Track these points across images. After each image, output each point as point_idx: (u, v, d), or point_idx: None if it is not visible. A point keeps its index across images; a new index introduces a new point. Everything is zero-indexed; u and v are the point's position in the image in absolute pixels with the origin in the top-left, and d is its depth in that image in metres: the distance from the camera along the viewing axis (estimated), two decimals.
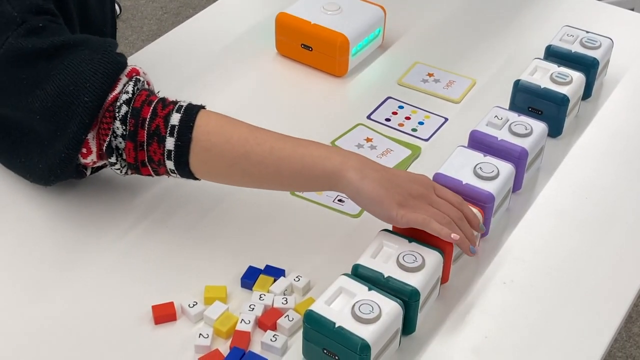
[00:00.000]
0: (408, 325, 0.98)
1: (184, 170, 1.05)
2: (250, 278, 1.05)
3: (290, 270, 1.06)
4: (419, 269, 0.98)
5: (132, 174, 1.09)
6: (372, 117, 1.32)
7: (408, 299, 0.96)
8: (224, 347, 0.98)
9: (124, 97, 1.04)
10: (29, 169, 1.11)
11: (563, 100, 1.24)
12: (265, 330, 0.99)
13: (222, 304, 1.01)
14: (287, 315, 1.00)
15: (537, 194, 1.19)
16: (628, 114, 1.36)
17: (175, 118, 1.03)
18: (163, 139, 1.03)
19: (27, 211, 1.14)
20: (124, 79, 1.05)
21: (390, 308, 0.94)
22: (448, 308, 1.03)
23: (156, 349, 0.98)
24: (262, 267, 1.06)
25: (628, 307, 1.05)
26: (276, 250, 1.09)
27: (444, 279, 1.05)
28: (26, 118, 1.08)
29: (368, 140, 1.27)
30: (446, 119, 1.32)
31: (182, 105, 1.05)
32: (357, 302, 0.93)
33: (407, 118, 1.32)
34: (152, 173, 1.08)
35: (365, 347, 0.90)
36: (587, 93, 1.34)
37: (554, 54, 1.34)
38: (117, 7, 3.02)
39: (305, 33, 1.37)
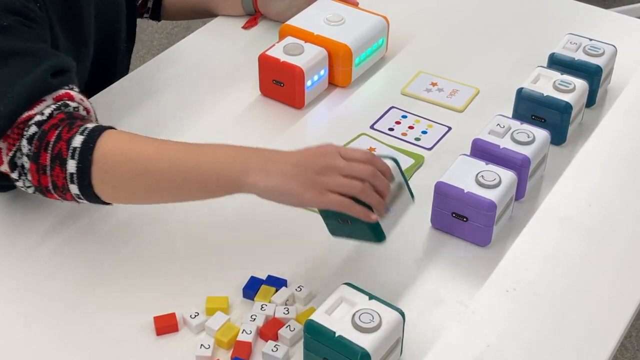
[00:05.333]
0: None
1: (89, 193, 1.02)
2: (251, 288, 1.05)
3: (292, 281, 1.06)
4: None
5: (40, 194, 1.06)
6: (375, 126, 1.33)
7: None
8: (225, 358, 0.98)
9: (38, 117, 1.02)
10: None
11: (566, 108, 1.24)
12: (267, 341, 0.99)
13: (223, 314, 1.01)
14: (289, 326, 1.00)
15: (541, 202, 1.19)
16: (632, 121, 1.35)
17: (77, 140, 1.01)
18: (65, 162, 1.01)
19: (28, 221, 1.15)
20: (48, 101, 1.03)
21: (391, 317, 0.93)
22: (450, 316, 1.03)
23: None
24: (263, 277, 1.06)
25: (631, 316, 1.04)
26: (278, 260, 1.09)
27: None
28: None
29: (371, 149, 1.27)
30: (449, 128, 1.32)
31: (87, 127, 1.02)
32: (357, 311, 0.93)
33: (411, 127, 1.32)
34: (59, 199, 1.06)
35: (365, 356, 0.90)
36: (590, 101, 1.34)
37: (557, 62, 1.34)
38: None
39: None
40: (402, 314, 0.94)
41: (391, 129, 1.32)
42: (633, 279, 1.09)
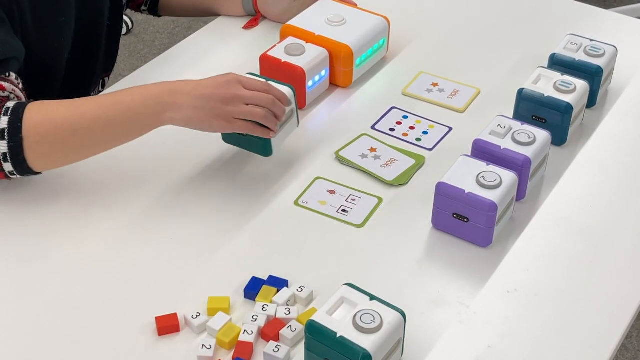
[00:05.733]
0: None
1: (23, 167, 1.11)
2: (253, 289, 1.05)
3: (293, 281, 1.06)
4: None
5: None
6: (376, 127, 1.33)
7: None
8: (227, 358, 0.98)
9: None
10: None
11: (566, 109, 1.24)
12: (268, 341, 0.99)
13: (225, 314, 1.02)
14: (290, 326, 1.00)
15: (541, 202, 1.19)
16: (633, 122, 1.35)
17: (3, 122, 1.08)
18: None
19: (33, 222, 1.15)
20: None
21: (392, 318, 0.94)
22: (452, 316, 1.03)
23: None
24: (265, 277, 1.06)
25: (632, 316, 1.04)
26: (279, 260, 1.10)
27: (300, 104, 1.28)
28: None
29: (372, 150, 1.27)
30: (450, 129, 1.32)
31: (8, 107, 1.09)
32: (358, 312, 0.94)
33: (412, 128, 1.33)
34: None
35: (366, 356, 0.90)
36: (591, 101, 1.34)
37: (558, 63, 1.34)
38: (129, 21, 3.04)
39: None
40: (403, 315, 0.95)
41: (392, 130, 1.32)
42: (634, 279, 1.09)
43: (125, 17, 3.03)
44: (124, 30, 3.03)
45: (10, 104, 1.10)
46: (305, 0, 1.49)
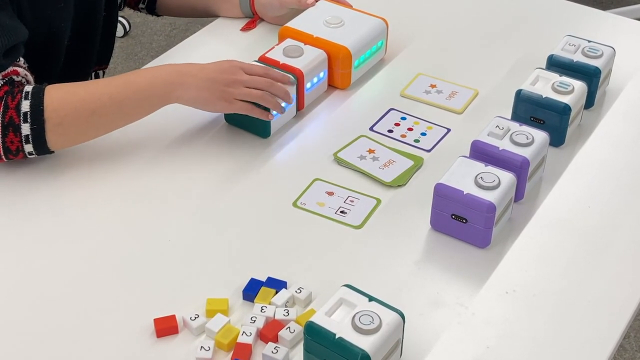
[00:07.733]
0: None
1: (43, 148, 1.17)
2: (251, 290, 1.05)
3: (292, 282, 1.06)
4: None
5: None
6: (374, 128, 1.33)
7: None
8: None
9: None
10: None
11: (564, 110, 1.24)
12: (267, 343, 0.99)
13: (223, 316, 1.02)
14: (289, 327, 1.00)
15: (540, 203, 1.19)
16: (631, 123, 1.35)
17: (25, 105, 1.14)
18: (18, 127, 1.14)
19: (32, 223, 1.15)
20: None
21: (391, 318, 0.94)
22: (450, 317, 1.03)
23: None
24: (263, 279, 1.06)
25: (630, 316, 1.04)
26: (278, 262, 1.10)
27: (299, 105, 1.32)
28: None
29: (370, 151, 1.27)
30: (449, 130, 1.32)
31: (28, 91, 1.15)
32: (357, 313, 0.94)
33: (410, 129, 1.33)
34: (5, 160, 1.18)
35: (365, 357, 0.90)
36: (589, 102, 1.34)
37: (555, 64, 1.34)
38: (126, 23, 3.04)
39: None
40: (402, 316, 0.95)
41: (390, 131, 1.32)
42: (632, 280, 1.09)
43: (122, 19, 3.03)
44: (121, 32, 3.03)
45: (29, 88, 1.15)
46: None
